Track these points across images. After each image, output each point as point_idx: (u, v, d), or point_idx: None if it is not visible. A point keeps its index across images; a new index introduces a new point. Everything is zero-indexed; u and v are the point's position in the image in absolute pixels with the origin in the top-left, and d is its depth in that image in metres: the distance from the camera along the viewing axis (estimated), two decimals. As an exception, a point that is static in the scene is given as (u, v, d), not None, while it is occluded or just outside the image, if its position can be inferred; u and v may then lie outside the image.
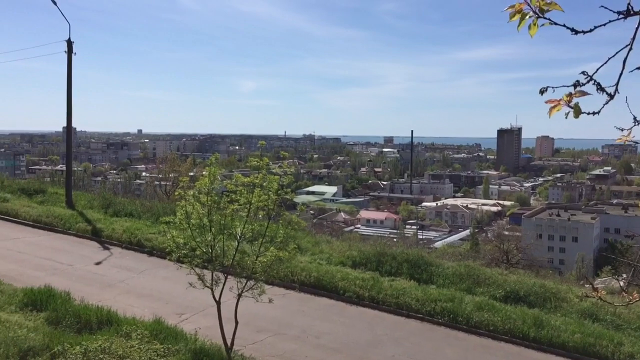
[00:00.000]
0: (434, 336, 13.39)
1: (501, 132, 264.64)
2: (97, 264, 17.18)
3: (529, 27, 2.53)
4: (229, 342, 10.47)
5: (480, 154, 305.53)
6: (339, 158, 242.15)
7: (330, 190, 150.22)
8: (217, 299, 10.51)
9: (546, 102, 2.62)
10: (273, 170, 11.40)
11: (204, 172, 11.13)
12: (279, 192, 10.60)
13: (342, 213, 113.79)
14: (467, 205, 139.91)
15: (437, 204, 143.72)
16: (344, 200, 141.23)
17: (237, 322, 10.41)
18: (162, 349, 9.60)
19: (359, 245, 18.67)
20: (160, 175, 62.18)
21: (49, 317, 11.59)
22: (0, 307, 12.11)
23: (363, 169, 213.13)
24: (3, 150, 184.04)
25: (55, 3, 24.22)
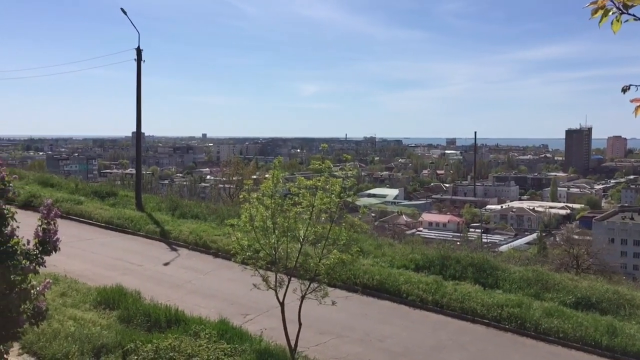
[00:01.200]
0: (500, 342, 13.06)
1: (569, 133, 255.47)
2: (166, 264, 17.72)
3: (612, 24, 2.44)
4: (292, 343, 10.58)
5: (548, 155, 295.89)
6: (400, 160, 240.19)
7: (391, 192, 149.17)
8: (281, 301, 10.63)
9: (631, 101, 2.52)
10: (335, 173, 11.44)
11: (266, 175, 11.28)
12: (342, 194, 10.61)
13: (403, 216, 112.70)
14: (533, 208, 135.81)
15: (502, 206, 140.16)
16: (406, 202, 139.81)
17: (300, 324, 10.50)
18: (229, 349, 9.80)
19: (422, 249, 18.45)
20: (224, 178, 63.70)
21: (121, 315, 12.04)
22: (76, 305, 12.68)
23: (425, 172, 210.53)
24: (77, 154, 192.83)
25: (125, 13, 25.19)
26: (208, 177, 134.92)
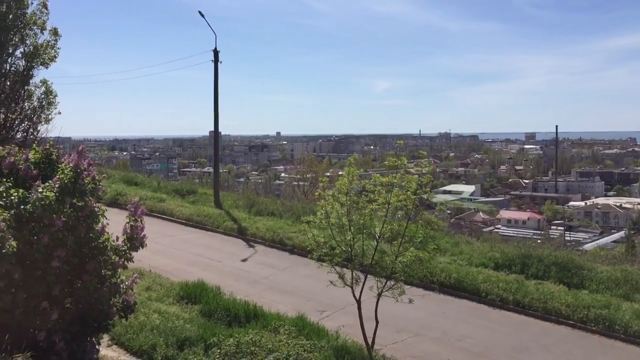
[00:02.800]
0: (586, 344, 12.49)
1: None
2: (243, 260, 18.13)
3: None
4: (369, 341, 10.56)
5: (636, 149, 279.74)
6: (476, 156, 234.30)
7: (467, 189, 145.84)
8: (357, 298, 10.63)
9: None
10: (410, 170, 11.31)
11: (340, 172, 11.30)
12: (418, 191, 10.49)
13: (480, 213, 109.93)
14: (621, 205, 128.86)
15: (586, 203, 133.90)
16: (483, 199, 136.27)
17: (377, 322, 10.46)
18: (309, 345, 9.90)
19: (501, 247, 17.91)
20: (298, 176, 64.46)
21: (202, 309, 12.43)
22: (160, 299, 13.20)
23: (503, 167, 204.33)
24: (158, 154, 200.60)
25: (202, 16, 25.98)
26: (282, 174, 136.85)
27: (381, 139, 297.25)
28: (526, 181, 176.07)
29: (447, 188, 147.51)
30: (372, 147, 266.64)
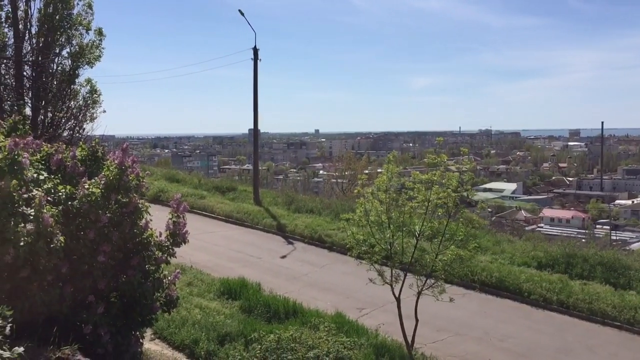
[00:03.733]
0: (634, 346, 12.13)
1: None
2: (283, 257, 18.24)
3: None
4: (409, 339, 10.49)
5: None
6: (518, 153, 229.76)
7: (509, 187, 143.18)
8: (397, 296, 10.58)
9: None
10: (450, 167, 11.19)
11: (378, 170, 11.25)
12: (458, 189, 10.36)
13: (522, 211, 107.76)
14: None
15: (633, 201, 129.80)
16: (525, 197, 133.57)
17: (417, 320, 10.38)
18: (349, 342, 9.91)
19: (545, 246, 17.53)
20: (337, 173, 64.43)
21: (243, 305, 12.56)
22: (201, 295, 13.40)
23: (545, 165, 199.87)
24: (198, 151, 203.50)
25: (242, 14, 26.22)
26: (321, 172, 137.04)
27: (420, 136, 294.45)
28: (570, 179, 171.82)
29: (488, 186, 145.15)
30: (410, 144, 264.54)
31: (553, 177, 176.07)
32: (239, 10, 26.15)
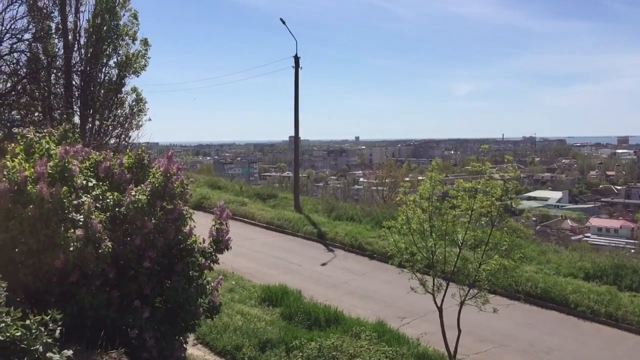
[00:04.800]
0: (688, 363, 11.66)
1: None
2: (323, 264, 18.25)
3: None
4: (451, 350, 10.32)
5: None
6: (563, 161, 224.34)
7: (554, 195, 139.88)
8: (439, 306, 10.43)
9: None
10: (494, 175, 11.00)
11: (419, 177, 11.15)
12: (502, 197, 10.17)
13: (568, 220, 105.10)
14: None
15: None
16: (570, 206, 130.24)
17: (460, 330, 10.21)
18: (390, 352, 9.83)
19: (592, 256, 17.04)
20: (377, 181, 64.12)
21: (283, 312, 12.61)
22: (242, 301, 13.51)
23: (592, 173, 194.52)
24: (239, 159, 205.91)
25: (284, 22, 26.47)
26: (361, 179, 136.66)
27: (462, 144, 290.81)
28: (618, 187, 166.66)
29: (533, 194, 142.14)
30: (452, 151, 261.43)
31: (600, 186, 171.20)
32: (281, 19, 26.47)
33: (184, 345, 8.10)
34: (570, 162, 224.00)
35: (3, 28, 16.08)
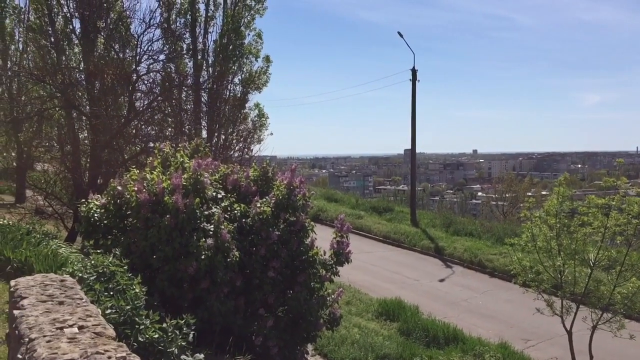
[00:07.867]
0: None
1: None
2: (441, 280, 17.86)
3: None
4: (583, 377, 9.69)
5: None
6: None
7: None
8: (568, 329, 9.85)
9: None
10: (629, 191, 10.26)
11: (543, 192, 10.62)
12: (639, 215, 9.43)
13: None
14: None
15: None
16: None
17: (591, 357, 9.58)
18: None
19: None
20: (496, 195, 61.74)
21: (401, 327, 12.48)
22: (359, 314, 13.54)
23: None
24: (354, 172, 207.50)
25: (401, 36, 26.43)
26: (479, 193, 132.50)
27: (590, 157, 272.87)
28: None
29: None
30: (579, 165, 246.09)
31: None
32: (398, 33, 26.42)
33: (305, 355, 8.27)
34: None
35: (141, 50, 17.47)
